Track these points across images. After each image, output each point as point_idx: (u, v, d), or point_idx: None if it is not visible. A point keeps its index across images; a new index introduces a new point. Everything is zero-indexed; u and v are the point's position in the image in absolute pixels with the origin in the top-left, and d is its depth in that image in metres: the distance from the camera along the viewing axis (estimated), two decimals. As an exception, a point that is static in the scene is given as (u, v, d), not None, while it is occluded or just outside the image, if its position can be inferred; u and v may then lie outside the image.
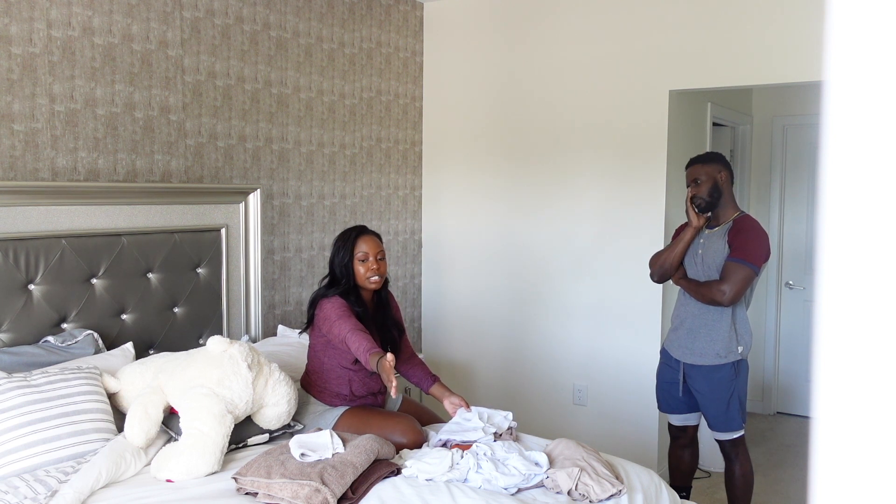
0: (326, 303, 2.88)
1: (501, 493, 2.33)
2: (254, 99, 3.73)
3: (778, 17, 3.62)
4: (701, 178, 3.21)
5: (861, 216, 0.51)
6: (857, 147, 0.51)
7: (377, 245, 2.99)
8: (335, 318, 2.82)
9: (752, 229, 3.15)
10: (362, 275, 2.95)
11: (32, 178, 2.90)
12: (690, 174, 3.26)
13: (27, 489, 2.18)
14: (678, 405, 3.39)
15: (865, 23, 0.50)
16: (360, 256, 2.95)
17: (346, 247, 2.97)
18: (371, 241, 2.98)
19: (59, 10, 2.96)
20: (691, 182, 3.25)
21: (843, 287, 0.52)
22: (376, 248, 2.98)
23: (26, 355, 2.69)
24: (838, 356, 0.53)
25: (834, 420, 0.53)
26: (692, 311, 3.25)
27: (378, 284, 2.98)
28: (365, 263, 2.95)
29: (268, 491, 2.26)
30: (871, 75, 0.50)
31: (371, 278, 2.94)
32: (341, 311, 2.83)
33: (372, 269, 2.94)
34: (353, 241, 2.97)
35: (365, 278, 2.95)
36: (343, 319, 2.79)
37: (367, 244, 2.97)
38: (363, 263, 2.95)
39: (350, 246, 2.96)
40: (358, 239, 2.98)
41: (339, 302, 2.87)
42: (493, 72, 4.52)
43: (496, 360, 4.64)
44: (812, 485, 0.54)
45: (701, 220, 3.22)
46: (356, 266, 2.95)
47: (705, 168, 3.22)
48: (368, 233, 3.02)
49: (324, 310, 2.88)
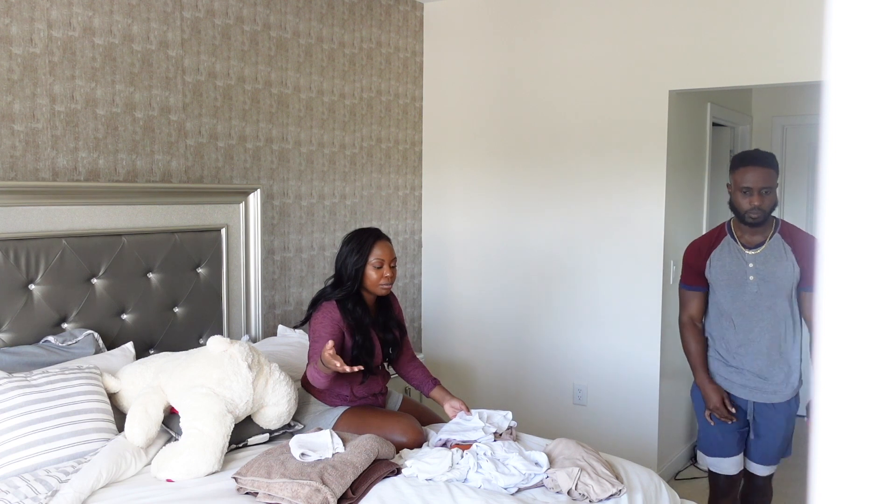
0: (320, 313, 2.87)
1: (501, 493, 2.33)
2: (254, 99, 3.73)
3: (778, 17, 3.62)
4: (768, 187, 2.69)
5: (861, 216, 0.51)
6: (857, 147, 0.51)
7: (392, 252, 2.95)
8: (313, 339, 2.84)
9: (813, 245, 2.67)
10: (374, 280, 2.90)
11: (33, 178, 2.90)
12: (754, 179, 2.67)
13: (28, 489, 2.18)
14: (735, 446, 2.93)
15: (865, 23, 0.50)
16: (375, 262, 2.89)
17: (361, 251, 2.90)
18: (387, 248, 2.94)
19: (60, 10, 2.96)
20: (756, 190, 2.67)
21: (843, 287, 0.52)
22: (391, 254, 2.94)
23: (27, 355, 2.69)
24: (838, 356, 0.53)
25: (834, 420, 0.53)
26: (765, 341, 2.78)
27: (387, 292, 2.96)
28: (379, 270, 2.90)
29: (268, 491, 2.26)
30: (871, 75, 0.50)
31: (383, 286, 2.91)
32: (322, 331, 2.81)
33: (385, 276, 2.90)
34: (371, 245, 2.90)
35: (377, 285, 2.90)
36: (317, 343, 2.80)
37: (384, 250, 2.92)
38: (377, 270, 2.90)
39: (367, 250, 2.90)
40: (375, 244, 2.91)
41: (329, 318, 2.84)
42: (493, 72, 4.52)
43: (496, 359, 4.64)
44: (812, 485, 0.55)
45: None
46: (368, 271, 2.90)
47: (771, 173, 2.70)
48: (384, 238, 2.97)
49: (315, 319, 2.87)
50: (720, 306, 2.85)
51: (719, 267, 2.81)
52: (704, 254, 2.88)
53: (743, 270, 2.76)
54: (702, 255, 2.89)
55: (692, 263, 2.92)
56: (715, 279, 2.84)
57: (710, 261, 2.86)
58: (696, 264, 2.90)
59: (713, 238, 2.92)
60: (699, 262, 2.89)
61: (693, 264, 2.92)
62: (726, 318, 2.84)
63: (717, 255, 2.84)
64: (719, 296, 2.84)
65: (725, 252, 2.82)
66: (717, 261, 2.83)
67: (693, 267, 2.92)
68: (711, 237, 2.93)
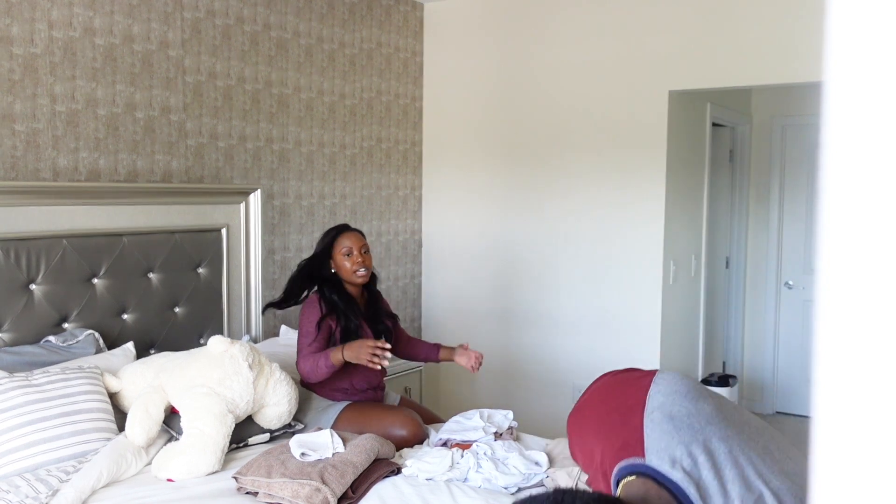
0: (305, 308, 2.93)
1: (501, 493, 2.33)
2: (254, 99, 3.74)
3: (778, 17, 3.62)
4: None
5: (861, 216, 0.51)
6: (857, 147, 0.51)
7: (359, 239, 3.02)
8: (302, 335, 2.89)
9: None
10: (348, 269, 2.96)
11: (34, 179, 2.90)
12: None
13: (28, 488, 2.18)
14: None
15: (865, 23, 0.50)
16: (344, 251, 2.96)
17: (323, 244, 3.01)
18: (353, 237, 3.01)
19: (61, 10, 2.96)
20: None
21: (843, 287, 0.52)
22: (359, 241, 3.00)
23: (27, 355, 2.69)
24: (838, 356, 0.53)
25: (833, 420, 0.53)
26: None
27: (365, 278, 3.00)
28: (350, 258, 2.96)
29: (268, 490, 2.26)
30: (871, 75, 0.50)
31: (358, 272, 2.96)
32: (310, 327, 2.87)
33: (357, 262, 2.96)
34: (334, 236, 3.00)
35: (352, 272, 2.96)
36: (305, 339, 2.85)
37: (350, 239, 2.99)
38: (348, 258, 2.96)
39: (329, 242, 2.99)
40: (339, 236, 3.00)
41: (314, 311, 2.89)
42: (493, 72, 4.52)
43: (496, 359, 4.63)
44: (812, 484, 0.55)
45: None
46: (341, 262, 2.96)
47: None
48: (351, 229, 3.05)
49: (302, 315, 2.93)
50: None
51: None
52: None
53: None
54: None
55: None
56: None
57: None
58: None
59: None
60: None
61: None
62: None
63: None
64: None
65: None
66: None
67: None
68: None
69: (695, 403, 1.94)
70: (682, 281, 4.34)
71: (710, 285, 4.92)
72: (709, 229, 4.69)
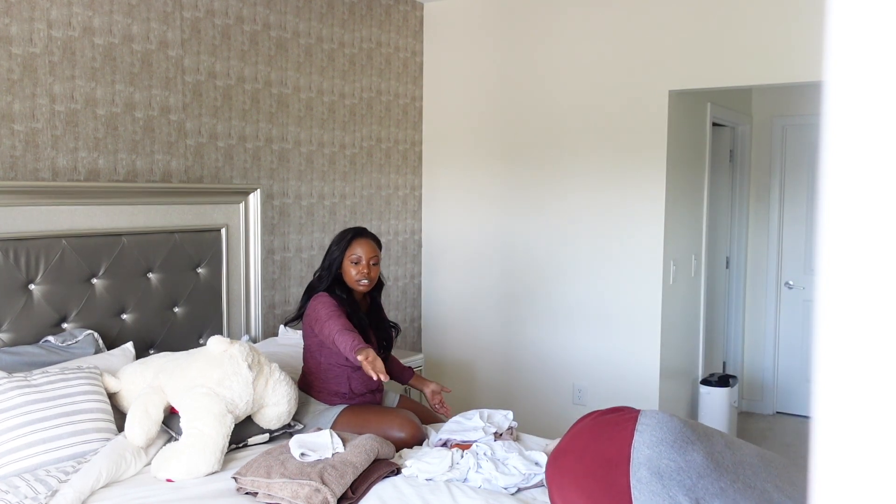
0: (316, 300, 2.89)
1: (501, 493, 2.33)
2: (254, 99, 3.73)
3: (778, 17, 3.62)
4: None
5: (861, 216, 0.51)
6: (857, 147, 0.51)
7: (372, 249, 2.98)
8: (325, 318, 2.81)
9: None
10: (352, 277, 2.95)
11: (33, 178, 2.90)
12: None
13: (27, 489, 2.18)
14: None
15: (865, 23, 0.50)
16: (353, 259, 2.95)
17: (340, 245, 2.98)
18: (366, 245, 2.97)
19: (60, 10, 2.96)
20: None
21: (843, 287, 0.52)
22: (370, 252, 2.97)
23: (27, 355, 2.69)
24: (838, 356, 0.53)
25: (833, 420, 0.53)
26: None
27: (367, 288, 2.99)
28: (357, 266, 2.95)
29: (268, 491, 2.26)
30: (871, 75, 0.50)
31: (360, 282, 2.95)
32: (330, 309, 2.82)
33: (362, 272, 2.95)
34: (349, 241, 2.97)
35: (354, 281, 2.95)
36: (332, 319, 2.78)
37: (363, 247, 2.96)
38: (355, 266, 2.95)
39: (345, 245, 2.97)
40: (354, 241, 2.97)
41: (327, 300, 2.87)
42: (493, 72, 4.52)
43: (496, 359, 4.64)
44: (812, 484, 0.55)
45: None
46: (347, 267, 2.95)
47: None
48: (366, 236, 3.02)
49: (314, 308, 2.88)
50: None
51: None
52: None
53: None
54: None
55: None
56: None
57: None
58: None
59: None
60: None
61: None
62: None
63: None
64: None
65: None
66: None
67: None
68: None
69: (683, 455, 1.87)
70: (682, 281, 4.35)
71: (711, 285, 4.92)
72: (709, 229, 4.69)
